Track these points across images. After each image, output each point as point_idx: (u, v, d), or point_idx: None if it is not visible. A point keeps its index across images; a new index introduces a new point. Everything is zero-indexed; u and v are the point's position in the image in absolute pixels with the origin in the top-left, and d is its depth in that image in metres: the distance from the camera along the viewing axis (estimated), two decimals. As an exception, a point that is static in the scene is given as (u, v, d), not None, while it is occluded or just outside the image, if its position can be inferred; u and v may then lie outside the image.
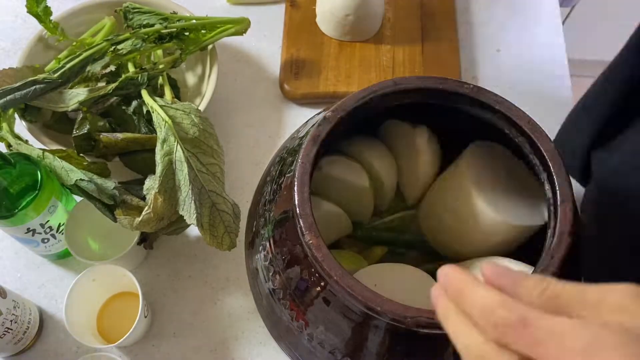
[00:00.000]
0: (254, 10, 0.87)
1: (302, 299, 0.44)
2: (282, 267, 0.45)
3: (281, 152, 0.53)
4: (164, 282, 0.68)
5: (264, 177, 0.54)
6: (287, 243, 0.45)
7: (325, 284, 0.41)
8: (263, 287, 0.48)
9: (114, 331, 0.64)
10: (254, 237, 0.50)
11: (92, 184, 0.59)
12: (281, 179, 0.48)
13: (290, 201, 0.43)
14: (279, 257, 0.45)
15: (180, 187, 0.58)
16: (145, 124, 0.66)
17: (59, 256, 0.68)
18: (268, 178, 0.52)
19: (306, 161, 0.44)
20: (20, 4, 0.88)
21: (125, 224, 0.59)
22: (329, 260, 0.40)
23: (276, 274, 0.46)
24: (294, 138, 0.53)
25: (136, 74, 0.65)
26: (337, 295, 0.41)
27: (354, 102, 0.47)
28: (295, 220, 0.42)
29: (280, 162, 0.51)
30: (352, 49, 0.82)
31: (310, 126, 0.49)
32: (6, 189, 0.57)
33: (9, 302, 0.59)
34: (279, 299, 0.46)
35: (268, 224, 0.47)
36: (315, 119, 0.51)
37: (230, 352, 0.65)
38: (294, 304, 0.45)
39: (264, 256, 0.48)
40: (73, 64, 0.63)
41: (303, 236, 0.41)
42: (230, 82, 0.82)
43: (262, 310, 0.51)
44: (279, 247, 0.46)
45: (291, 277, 0.44)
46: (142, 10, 0.70)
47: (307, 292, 0.43)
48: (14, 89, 0.61)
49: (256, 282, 0.50)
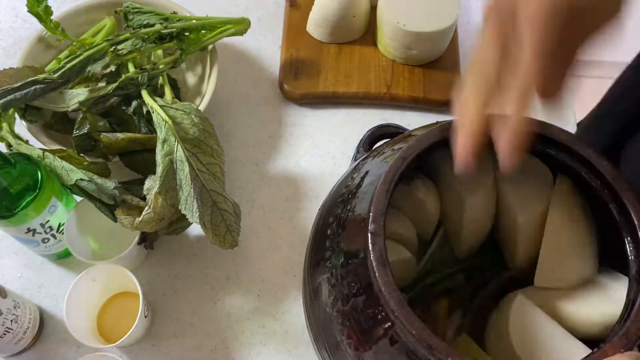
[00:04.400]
0: (254, 10, 0.87)
1: (365, 337, 0.44)
2: (347, 297, 0.45)
3: (347, 184, 0.53)
4: (164, 282, 0.68)
5: (336, 193, 0.54)
6: (357, 279, 0.45)
7: (392, 326, 0.42)
8: (323, 305, 0.48)
9: (114, 331, 0.64)
10: (320, 259, 0.50)
11: (92, 184, 0.59)
12: (350, 207, 0.48)
13: (360, 238, 0.44)
14: (345, 287, 0.46)
15: (182, 186, 0.59)
16: (145, 124, 0.66)
17: (59, 256, 0.68)
18: (339, 199, 0.51)
19: (379, 226, 0.44)
20: (21, 3, 0.88)
21: (126, 224, 0.59)
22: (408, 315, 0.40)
23: (338, 301, 0.46)
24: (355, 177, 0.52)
25: (136, 74, 0.65)
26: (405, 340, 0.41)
27: (426, 142, 0.47)
28: (369, 266, 0.42)
29: (347, 195, 0.51)
30: (351, 49, 0.82)
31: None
32: (6, 189, 0.57)
33: (9, 302, 0.59)
34: (338, 323, 0.46)
35: (336, 253, 0.48)
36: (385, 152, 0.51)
37: (230, 352, 0.65)
38: (354, 335, 0.45)
39: (328, 279, 0.48)
40: (73, 64, 0.64)
41: (388, 306, 0.41)
42: (230, 82, 0.82)
43: (316, 321, 0.51)
44: (345, 279, 0.46)
45: (356, 311, 0.45)
46: (142, 10, 0.70)
47: (371, 331, 0.43)
48: (14, 89, 0.61)
49: (315, 299, 0.50)
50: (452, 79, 0.80)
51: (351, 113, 0.80)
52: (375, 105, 0.80)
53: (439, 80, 0.80)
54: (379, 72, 0.80)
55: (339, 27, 0.80)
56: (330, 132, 0.78)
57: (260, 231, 0.72)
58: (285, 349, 0.65)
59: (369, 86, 0.79)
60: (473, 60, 0.44)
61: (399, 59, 0.80)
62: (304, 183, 0.75)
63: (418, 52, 0.78)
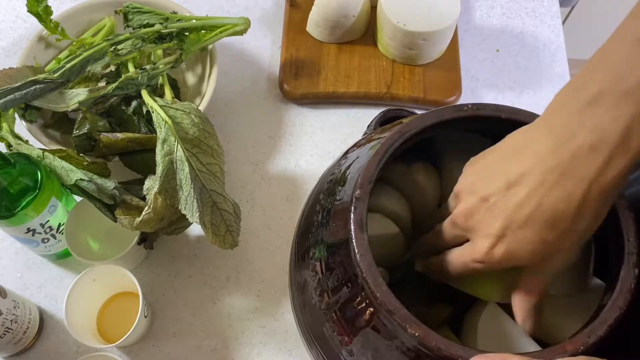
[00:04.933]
0: (254, 10, 0.87)
1: (351, 324, 0.43)
2: (332, 288, 0.45)
3: (333, 172, 0.52)
4: (164, 282, 0.68)
5: (317, 190, 0.53)
6: (341, 267, 0.44)
7: (376, 313, 0.41)
8: (310, 300, 0.48)
9: (114, 331, 0.64)
10: (305, 253, 0.50)
11: (92, 184, 0.59)
12: (335, 199, 0.48)
13: (343, 229, 0.43)
14: (330, 278, 0.45)
15: (182, 186, 0.59)
16: (145, 124, 0.66)
17: (59, 256, 0.68)
18: (321, 195, 0.51)
19: (360, 215, 0.43)
20: (21, 3, 0.88)
21: (126, 224, 0.59)
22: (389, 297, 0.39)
23: (324, 292, 0.45)
24: (341, 165, 0.52)
25: (136, 74, 0.65)
26: (389, 327, 0.40)
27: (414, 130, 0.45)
28: (350, 249, 0.42)
29: (332, 184, 0.50)
30: (351, 49, 0.82)
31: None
32: (6, 189, 0.57)
33: (9, 302, 0.59)
34: (326, 316, 0.46)
35: (320, 244, 0.47)
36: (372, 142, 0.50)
37: (230, 352, 0.65)
38: (342, 328, 0.44)
39: (314, 274, 0.47)
40: (73, 64, 0.64)
41: (367, 285, 0.40)
42: (230, 82, 0.82)
43: (303, 318, 0.50)
44: (329, 270, 0.45)
45: (341, 301, 0.44)
46: (142, 10, 0.70)
47: (356, 318, 0.43)
48: (14, 89, 0.61)
49: (302, 293, 0.49)
50: (452, 78, 0.80)
51: (351, 113, 0.80)
52: (375, 105, 0.80)
53: (439, 80, 0.80)
54: (379, 72, 0.80)
55: (339, 27, 0.80)
56: (330, 132, 0.78)
57: (260, 231, 0.71)
58: (285, 349, 0.65)
59: (369, 86, 0.79)
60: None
61: (399, 59, 0.80)
62: (304, 183, 0.75)
63: (418, 52, 0.78)
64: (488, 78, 0.83)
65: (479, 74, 0.83)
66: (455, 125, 0.47)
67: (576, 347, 0.37)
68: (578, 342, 0.38)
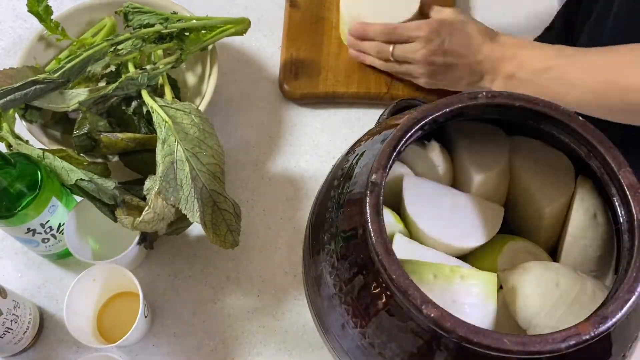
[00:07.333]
0: (254, 10, 0.87)
1: (367, 311, 0.44)
2: (347, 277, 0.45)
3: (347, 160, 0.52)
4: (164, 282, 0.68)
5: (330, 178, 0.53)
6: (356, 253, 0.45)
7: (391, 297, 0.42)
8: (327, 292, 0.48)
9: (114, 331, 0.64)
10: (320, 243, 0.50)
11: (93, 184, 0.60)
12: (349, 184, 0.48)
13: (358, 215, 0.44)
14: (345, 265, 0.46)
15: (182, 186, 0.59)
16: (145, 124, 0.66)
17: (59, 256, 0.68)
18: (332, 189, 0.51)
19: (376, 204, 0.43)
20: (21, 3, 0.88)
21: (126, 223, 0.59)
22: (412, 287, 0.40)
23: (340, 281, 0.46)
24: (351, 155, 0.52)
25: (136, 74, 0.65)
26: (404, 310, 0.41)
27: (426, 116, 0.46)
28: (366, 238, 0.42)
29: (347, 170, 0.50)
30: (352, 49, 0.82)
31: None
32: (6, 189, 0.57)
33: (9, 302, 0.59)
34: (341, 300, 0.46)
35: (336, 237, 0.47)
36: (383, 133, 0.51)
37: (230, 352, 0.65)
38: (358, 314, 0.44)
39: (329, 264, 0.47)
40: (73, 64, 0.64)
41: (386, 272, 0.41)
42: (230, 82, 0.82)
43: (321, 311, 0.51)
44: (344, 258, 0.46)
45: (357, 289, 0.45)
46: (142, 10, 0.70)
47: (372, 304, 0.43)
48: (14, 89, 0.61)
49: (318, 287, 0.50)
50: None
51: (351, 113, 0.80)
52: (375, 105, 0.80)
53: (439, 80, 0.80)
54: (379, 72, 0.80)
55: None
56: (330, 132, 0.78)
57: (260, 231, 0.72)
58: (285, 349, 0.65)
59: (369, 86, 0.79)
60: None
61: None
62: (304, 183, 0.75)
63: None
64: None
65: (478, 74, 0.83)
66: (471, 112, 0.47)
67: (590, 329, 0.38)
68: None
